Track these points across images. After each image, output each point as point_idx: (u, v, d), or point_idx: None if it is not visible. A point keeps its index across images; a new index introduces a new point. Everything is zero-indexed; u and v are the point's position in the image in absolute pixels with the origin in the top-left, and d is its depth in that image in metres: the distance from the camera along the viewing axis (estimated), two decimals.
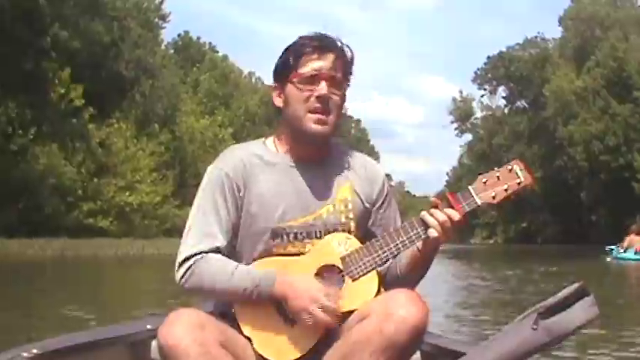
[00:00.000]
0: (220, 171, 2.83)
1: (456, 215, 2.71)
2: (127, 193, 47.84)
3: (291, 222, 2.79)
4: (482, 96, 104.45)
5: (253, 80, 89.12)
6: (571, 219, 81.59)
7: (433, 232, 2.70)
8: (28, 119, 41.38)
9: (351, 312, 2.67)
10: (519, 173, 2.71)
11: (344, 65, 2.84)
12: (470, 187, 2.74)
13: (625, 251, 33.06)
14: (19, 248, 33.96)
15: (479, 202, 2.72)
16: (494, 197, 2.71)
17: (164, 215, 52.17)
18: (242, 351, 2.67)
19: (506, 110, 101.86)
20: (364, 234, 2.88)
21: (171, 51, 77.12)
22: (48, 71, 44.04)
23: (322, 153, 2.90)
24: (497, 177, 2.71)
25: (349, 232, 2.82)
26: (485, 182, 2.72)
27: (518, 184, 2.71)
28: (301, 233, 2.80)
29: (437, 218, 2.70)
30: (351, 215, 2.85)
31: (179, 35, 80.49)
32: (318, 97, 2.76)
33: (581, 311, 2.58)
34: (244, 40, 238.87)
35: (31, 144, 41.21)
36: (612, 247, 34.98)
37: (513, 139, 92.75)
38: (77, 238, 39.73)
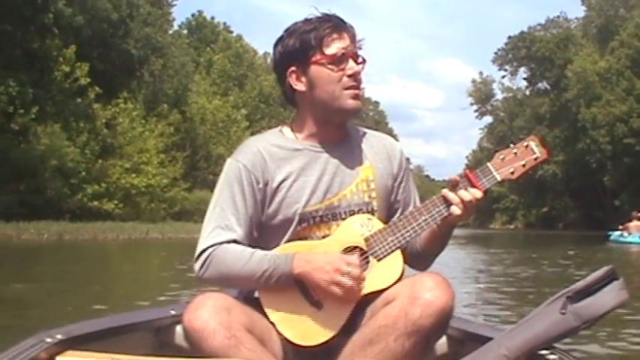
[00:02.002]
0: (238, 164, 2.86)
1: (477, 193, 2.74)
2: (133, 175, 46.66)
3: (317, 205, 2.82)
4: (502, 77, 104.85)
5: (268, 61, 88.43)
6: (593, 204, 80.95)
7: (456, 210, 2.73)
8: (30, 98, 40.18)
9: (377, 292, 2.70)
10: (536, 149, 2.77)
11: (355, 39, 2.89)
12: (488, 164, 2.79)
13: (629, 235, 36.67)
14: (14, 232, 33.19)
15: (498, 178, 2.77)
16: (512, 173, 2.77)
17: (173, 198, 51.18)
18: (267, 335, 2.68)
19: (527, 92, 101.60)
20: (387, 211, 2.93)
21: (185, 31, 76.92)
22: (52, 49, 43.04)
23: (342, 135, 2.95)
24: (515, 153, 2.77)
25: (372, 211, 2.87)
26: (502, 159, 2.77)
27: (535, 159, 2.77)
28: (327, 215, 2.84)
29: (459, 196, 2.73)
30: (373, 194, 2.89)
31: (193, 15, 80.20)
32: (351, 76, 2.82)
33: (611, 295, 2.56)
34: (260, 20, 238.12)
35: (32, 124, 40.07)
36: (615, 231, 38.42)
37: (535, 121, 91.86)
38: (80, 222, 38.98)
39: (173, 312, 3.17)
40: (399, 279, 2.72)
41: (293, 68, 2.85)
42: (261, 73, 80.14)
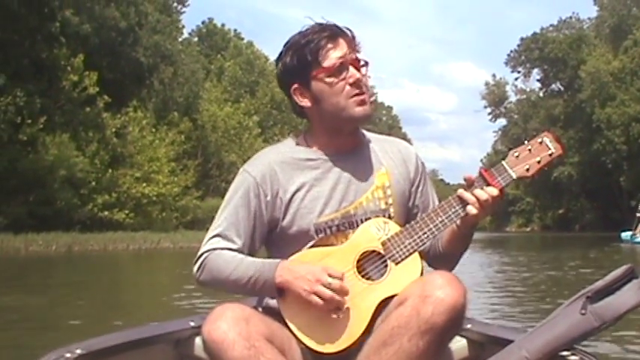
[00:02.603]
0: (248, 176, 2.85)
1: (494, 191, 2.70)
2: (144, 185, 46.29)
3: (332, 215, 2.81)
4: (516, 79, 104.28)
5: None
6: (610, 205, 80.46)
7: (472, 210, 2.70)
8: (38, 108, 39.91)
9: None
10: (550, 145, 2.74)
11: (353, 44, 2.84)
12: (503, 162, 2.75)
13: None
14: (22, 244, 32.93)
15: (514, 175, 2.72)
16: (527, 170, 2.73)
17: (185, 207, 50.82)
18: (287, 344, 2.67)
19: (540, 93, 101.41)
20: (405, 216, 2.91)
21: (195, 39, 76.95)
22: (60, 58, 42.80)
23: (356, 142, 2.93)
24: (529, 150, 2.74)
25: (390, 217, 2.83)
26: (517, 156, 2.73)
27: (550, 155, 2.74)
28: (343, 224, 2.82)
29: (475, 195, 2.70)
30: (390, 201, 2.87)
31: (203, 22, 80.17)
32: (353, 84, 2.78)
33: (631, 294, 2.55)
34: (271, 27, 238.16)
35: (41, 134, 39.80)
36: (628, 232, 38.74)
37: (549, 122, 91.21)
38: (91, 233, 38.65)
39: (192, 323, 3.15)
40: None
41: (295, 86, 2.82)
42: (273, 79, 78.81)
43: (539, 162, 2.72)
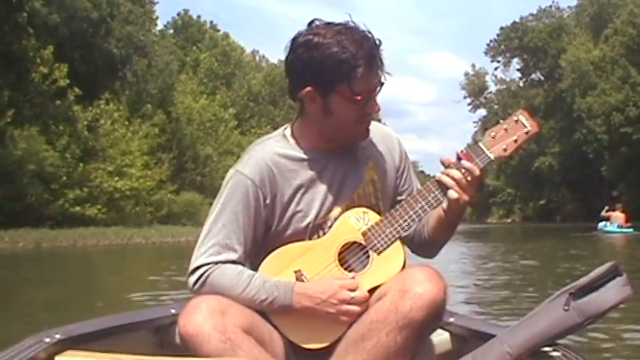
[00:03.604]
0: (246, 179, 2.75)
1: (474, 170, 2.69)
2: (117, 179, 45.12)
3: (329, 215, 2.79)
4: (495, 69, 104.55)
5: (257, 59, 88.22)
6: (591, 195, 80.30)
7: (453, 194, 2.69)
8: (6, 101, 38.91)
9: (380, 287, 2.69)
10: (526, 123, 2.75)
11: (382, 69, 2.74)
12: (480, 143, 2.75)
13: (611, 225, 39.54)
14: None
15: (491, 156, 2.73)
16: (505, 150, 2.74)
17: (159, 201, 49.61)
18: (268, 337, 2.65)
19: (521, 83, 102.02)
20: (393, 207, 2.84)
21: (171, 31, 76.49)
22: (29, 50, 41.69)
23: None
24: (505, 129, 2.75)
25: (379, 211, 2.81)
26: (494, 137, 2.74)
27: (527, 133, 2.75)
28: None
29: (453, 177, 2.69)
30: (379, 195, 2.87)
31: (178, 14, 79.36)
32: (368, 114, 2.76)
33: (614, 291, 2.57)
34: (249, 19, 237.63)
35: (9, 127, 38.68)
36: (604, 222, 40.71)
37: (529, 112, 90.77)
38: (62, 229, 37.71)
39: (173, 311, 3.15)
40: (402, 270, 2.70)
41: (310, 89, 2.70)
42: (250, 71, 79.85)
43: (515, 141, 2.73)
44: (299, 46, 2.70)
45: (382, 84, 2.74)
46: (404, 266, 2.72)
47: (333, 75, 2.65)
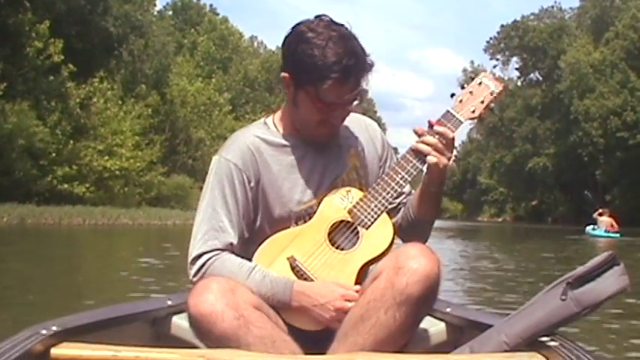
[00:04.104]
0: (229, 163, 2.79)
1: (447, 133, 2.75)
2: (106, 158, 44.83)
3: (311, 202, 2.83)
4: (494, 67, 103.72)
5: (255, 44, 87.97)
6: (583, 198, 79.64)
7: (432, 158, 2.74)
8: None
9: (374, 259, 2.74)
10: (490, 84, 2.82)
11: (362, 81, 2.78)
12: (449, 109, 2.81)
13: (598, 229, 40.21)
14: None
15: (462, 119, 2.80)
16: (473, 112, 2.82)
17: (149, 183, 49.53)
18: (274, 316, 2.68)
19: (519, 82, 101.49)
20: None
21: (170, 12, 76.18)
22: (25, 24, 41.36)
23: None
24: (470, 92, 2.82)
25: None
26: (461, 101, 2.81)
27: (492, 93, 2.82)
28: None
29: (428, 143, 2.74)
30: (363, 182, 2.91)
31: None
32: (326, 122, 2.78)
33: (612, 281, 2.58)
34: (249, 5, 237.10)
35: (0, 101, 38.39)
36: (590, 226, 41.63)
37: (526, 112, 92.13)
38: (48, 205, 37.52)
39: (170, 302, 3.19)
40: (392, 242, 2.77)
41: (287, 75, 2.77)
42: (247, 56, 79.66)
43: (482, 102, 2.81)
44: (295, 34, 2.75)
45: (355, 100, 2.77)
46: (393, 237, 2.77)
47: (305, 74, 2.70)
